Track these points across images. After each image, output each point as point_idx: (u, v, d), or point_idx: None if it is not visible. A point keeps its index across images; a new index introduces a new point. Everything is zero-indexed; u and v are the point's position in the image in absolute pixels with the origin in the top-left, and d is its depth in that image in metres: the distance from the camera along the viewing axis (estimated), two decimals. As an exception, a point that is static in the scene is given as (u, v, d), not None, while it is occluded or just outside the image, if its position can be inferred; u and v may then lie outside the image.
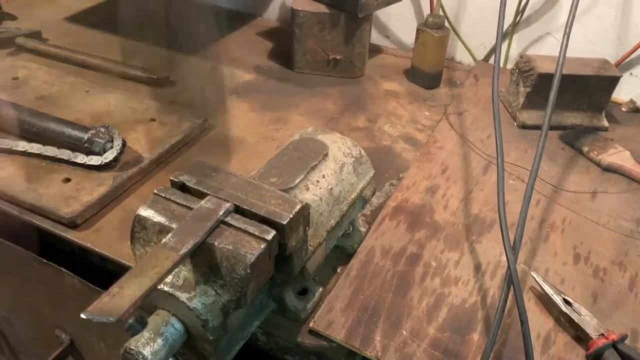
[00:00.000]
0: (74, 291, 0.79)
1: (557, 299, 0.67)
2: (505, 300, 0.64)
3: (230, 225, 0.53)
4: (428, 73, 1.14)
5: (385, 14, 1.31)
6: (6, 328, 1.05)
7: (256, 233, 0.52)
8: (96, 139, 0.84)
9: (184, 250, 0.48)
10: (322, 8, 1.11)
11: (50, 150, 0.85)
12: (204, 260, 0.51)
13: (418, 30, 1.12)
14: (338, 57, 1.14)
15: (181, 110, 1.00)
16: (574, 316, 0.65)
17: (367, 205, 0.83)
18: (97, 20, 1.36)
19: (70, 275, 0.78)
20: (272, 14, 1.44)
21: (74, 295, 0.80)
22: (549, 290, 0.68)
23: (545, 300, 0.69)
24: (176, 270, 0.52)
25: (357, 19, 1.09)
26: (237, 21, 1.40)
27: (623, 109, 1.10)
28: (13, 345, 1.09)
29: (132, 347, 0.48)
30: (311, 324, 0.65)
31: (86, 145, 0.84)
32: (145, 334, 0.50)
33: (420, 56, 1.14)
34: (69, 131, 0.86)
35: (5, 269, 0.90)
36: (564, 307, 0.66)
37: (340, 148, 0.69)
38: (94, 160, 0.84)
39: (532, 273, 0.71)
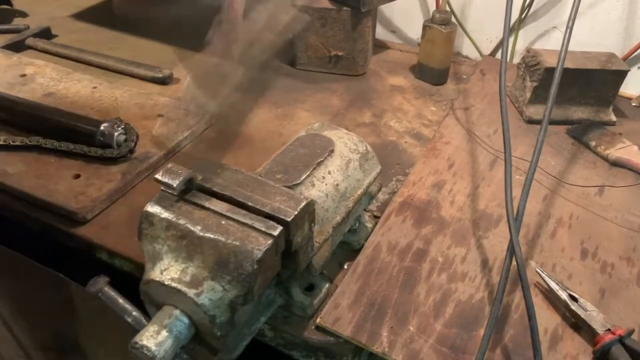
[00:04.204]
0: (74, 297, 0.80)
1: (563, 295, 0.67)
2: (503, 291, 0.64)
3: (237, 221, 0.53)
4: (435, 69, 1.14)
5: (391, 9, 1.30)
6: (7, 332, 1.06)
7: (263, 229, 0.52)
8: (109, 131, 0.85)
9: None
10: (324, 3, 1.10)
11: (65, 145, 0.86)
12: (211, 256, 0.52)
13: (425, 27, 1.11)
14: (339, 53, 1.14)
15: (188, 106, 1.00)
16: (580, 312, 0.65)
17: (373, 201, 0.83)
18: (103, 17, 1.36)
19: (70, 281, 0.78)
20: (277, 10, 1.43)
21: (75, 301, 0.81)
22: (554, 286, 0.68)
23: (551, 296, 0.69)
24: (183, 266, 0.52)
25: (359, 15, 1.08)
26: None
27: (633, 104, 1.09)
28: (13, 349, 1.10)
29: (137, 341, 0.49)
30: (318, 320, 0.65)
31: (100, 137, 0.85)
32: (150, 327, 0.50)
33: (427, 52, 1.13)
34: (82, 125, 0.87)
35: (6, 274, 0.90)
36: (570, 303, 0.66)
37: (346, 144, 0.69)
38: (109, 152, 0.84)
39: (536, 269, 0.70)
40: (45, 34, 1.23)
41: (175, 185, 0.53)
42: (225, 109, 0.97)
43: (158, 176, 0.54)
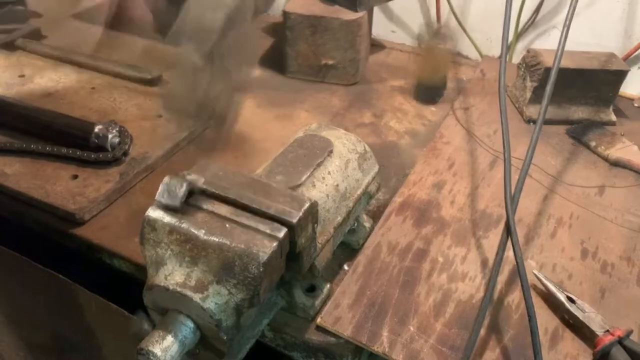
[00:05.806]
0: (74, 298, 0.80)
1: (561, 297, 0.67)
2: (494, 286, 0.65)
3: (241, 224, 0.53)
4: (429, 86, 1.11)
5: (390, 9, 1.30)
6: (6, 332, 1.05)
7: (267, 231, 0.52)
8: (104, 133, 0.85)
9: None
10: (314, 11, 1.07)
11: (58, 149, 0.85)
12: (216, 260, 0.51)
13: (418, 45, 1.09)
14: (330, 62, 1.11)
15: (185, 107, 1.00)
16: (578, 313, 0.65)
17: (373, 200, 0.83)
18: (103, 17, 1.35)
19: (70, 282, 0.78)
20: (277, 10, 1.43)
21: (74, 302, 0.81)
22: (552, 288, 0.68)
23: (550, 297, 0.69)
24: (187, 270, 0.52)
25: (350, 24, 1.06)
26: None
27: (636, 105, 1.09)
28: (13, 349, 1.09)
29: (143, 347, 0.48)
30: (318, 320, 0.65)
31: (95, 140, 0.85)
32: (155, 333, 0.50)
33: (421, 69, 1.12)
34: (77, 127, 0.86)
35: (4, 274, 0.90)
36: (567, 305, 0.66)
37: (344, 144, 0.69)
38: (103, 155, 0.84)
39: (534, 271, 0.70)
40: (35, 34, 1.21)
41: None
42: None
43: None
